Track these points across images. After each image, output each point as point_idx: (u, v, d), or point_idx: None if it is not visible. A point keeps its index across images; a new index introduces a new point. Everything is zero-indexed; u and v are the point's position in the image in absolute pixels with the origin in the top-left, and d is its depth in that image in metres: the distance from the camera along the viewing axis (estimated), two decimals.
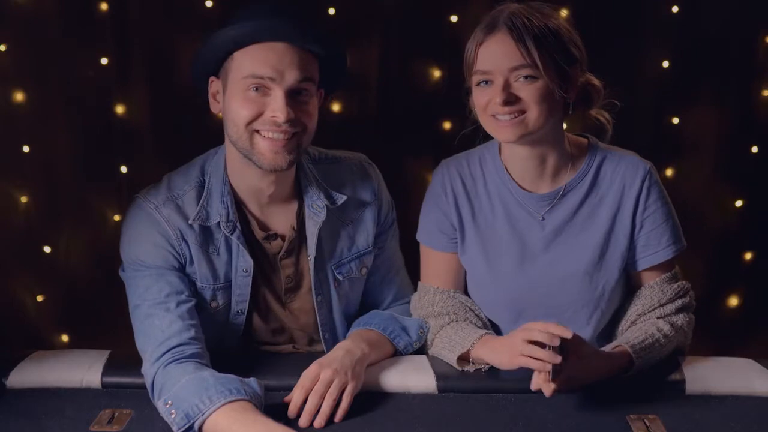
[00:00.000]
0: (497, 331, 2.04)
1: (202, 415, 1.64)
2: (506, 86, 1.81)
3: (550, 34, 1.81)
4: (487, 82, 1.84)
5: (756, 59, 3.03)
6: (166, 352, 1.76)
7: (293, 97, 1.82)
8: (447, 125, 3.04)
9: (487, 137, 1.98)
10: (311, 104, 1.87)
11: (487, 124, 1.88)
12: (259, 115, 1.82)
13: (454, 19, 2.97)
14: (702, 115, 3.06)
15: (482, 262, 2.00)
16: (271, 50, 1.80)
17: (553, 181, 1.96)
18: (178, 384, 1.70)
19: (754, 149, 3.09)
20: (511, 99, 1.81)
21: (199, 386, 1.68)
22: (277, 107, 1.80)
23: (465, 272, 2.06)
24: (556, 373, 1.70)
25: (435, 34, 2.98)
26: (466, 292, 2.07)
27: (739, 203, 3.15)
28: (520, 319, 1.95)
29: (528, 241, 1.97)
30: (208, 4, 2.90)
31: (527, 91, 1.81)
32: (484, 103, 1.85)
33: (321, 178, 2.01)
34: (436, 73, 3.02)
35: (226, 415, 1.64)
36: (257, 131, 1.83)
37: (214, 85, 1.90)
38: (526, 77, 1.81)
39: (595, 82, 1.93)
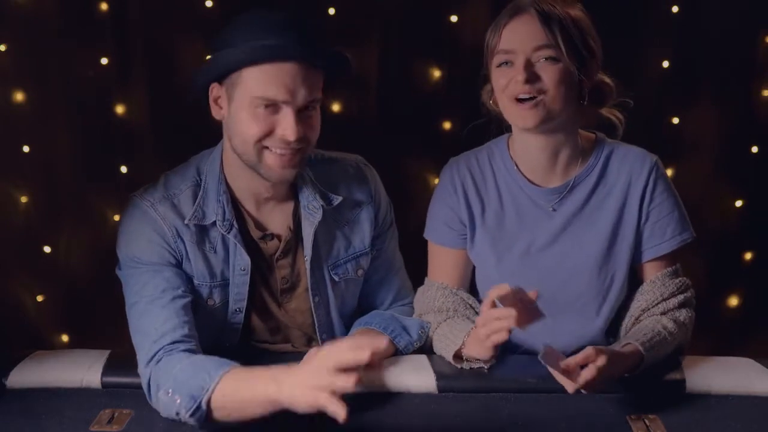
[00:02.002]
0: None
1: (207, 390, 1.65)
2: (528, 65, 1.83)
3: (572, 23, 1.85)
4: (508, 63, 1.86)
5: (756, 59, 3.03)
6: (159, 350, 1.77)
7: (301, 113, 1.82)
8: (447, 125, 3.04)
9: (499, 131, 1.99)
10: (316, 117, 1.86)
11: (508, 109, 1.89)
12: (269, 132, 1.81)
13: (454, 19, 2.97)
14: (702, 115, 3.06)
15: (491, 256, 2.01)
16: (282, 70, 1.77)
17: (563, 175, 1.98)
18: (173, 371, 1.71)
19: (754, 149, 3.09)
20: (532, 78, 1.83)
21: (195, 367, 1.70)
22: (287, 127, 1.79)
23: (472, 269, 2.07)
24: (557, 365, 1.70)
25: (435, 34, 2.98)
26: (470, 289, 2.08)
27: (739, 203, 3.15)
28: None
29: (537, 234, 1.98)
30: (208, 4, 2.90)
31: (548, 72, 1.83)
32: (505, 83, 1.86)
33: (317, 178, 2.01)
34: (436, 73, 3.02)
35: (229, 383, 1.65)
36: (266, 147, 1.83)
37: (216, 91, 1.87)
38: (547, 58, 1.83)
39: (608, 80, 1.95)
